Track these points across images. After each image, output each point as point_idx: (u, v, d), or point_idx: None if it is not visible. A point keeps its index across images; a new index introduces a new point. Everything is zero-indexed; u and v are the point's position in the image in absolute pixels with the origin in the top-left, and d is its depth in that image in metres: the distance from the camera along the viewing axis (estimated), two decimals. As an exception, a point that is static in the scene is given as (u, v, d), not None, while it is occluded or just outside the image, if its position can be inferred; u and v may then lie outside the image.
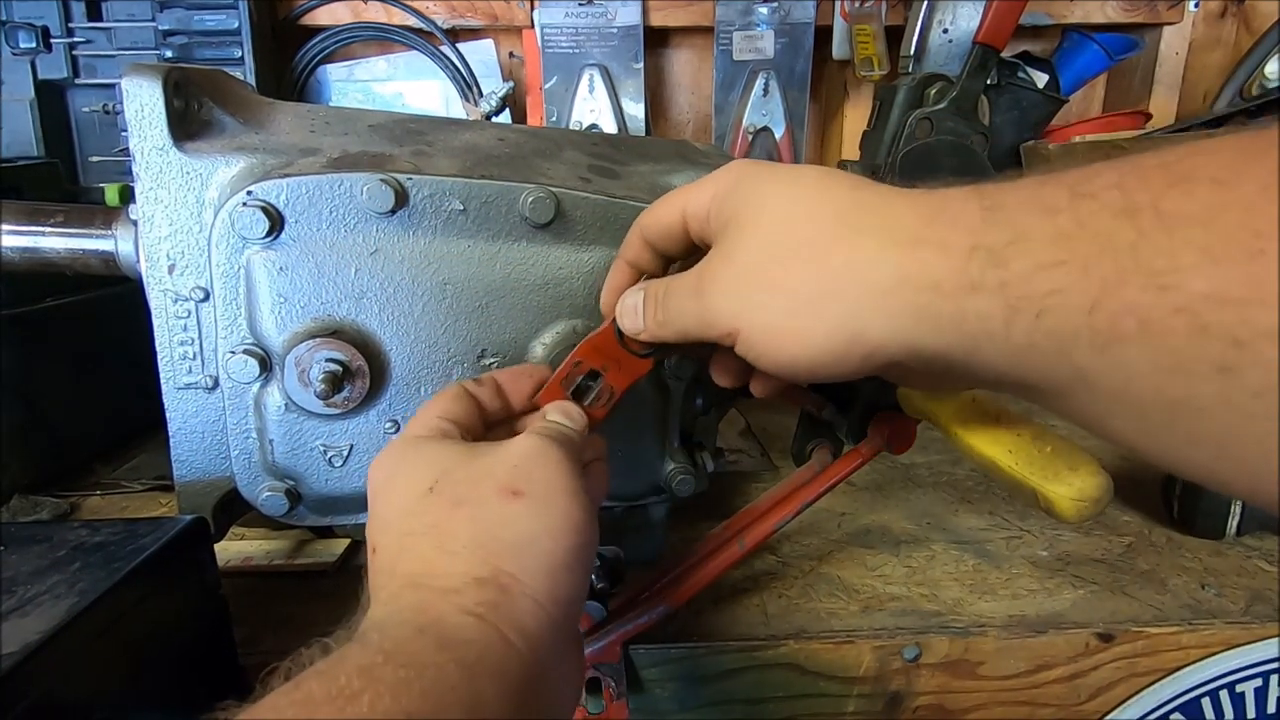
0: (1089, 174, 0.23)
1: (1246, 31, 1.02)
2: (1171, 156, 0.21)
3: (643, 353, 0.37)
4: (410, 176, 0.40)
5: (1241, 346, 0.18)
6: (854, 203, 0.28)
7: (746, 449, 0.76)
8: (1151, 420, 0.21)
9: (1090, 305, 0.21)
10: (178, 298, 0.43)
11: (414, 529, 0.29)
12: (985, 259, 0.23)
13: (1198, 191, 0.20)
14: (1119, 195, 0.21)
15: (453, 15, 0.94)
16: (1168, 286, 0.19)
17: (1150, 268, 0.20)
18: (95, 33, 0.89)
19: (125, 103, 0.41)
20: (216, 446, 0.45)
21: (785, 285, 0.28)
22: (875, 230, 0.27)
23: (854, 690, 0.47)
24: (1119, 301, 0.20)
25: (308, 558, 0.54)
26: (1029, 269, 0.22)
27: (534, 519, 0.29)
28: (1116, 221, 0.21)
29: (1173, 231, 0.20)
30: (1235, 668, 0.48)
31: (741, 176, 0.32)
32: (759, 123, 0.97)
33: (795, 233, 0.29)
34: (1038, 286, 0.22)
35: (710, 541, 0.48)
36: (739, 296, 0.30)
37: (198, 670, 0.42)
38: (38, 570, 0.36)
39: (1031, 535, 0.58)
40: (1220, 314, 0.18)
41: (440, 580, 0.27)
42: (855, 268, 0.27)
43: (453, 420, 0.34)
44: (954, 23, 0.87)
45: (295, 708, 0.22)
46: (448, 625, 0.25)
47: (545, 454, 0.31)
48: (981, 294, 0.24)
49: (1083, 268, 0.21)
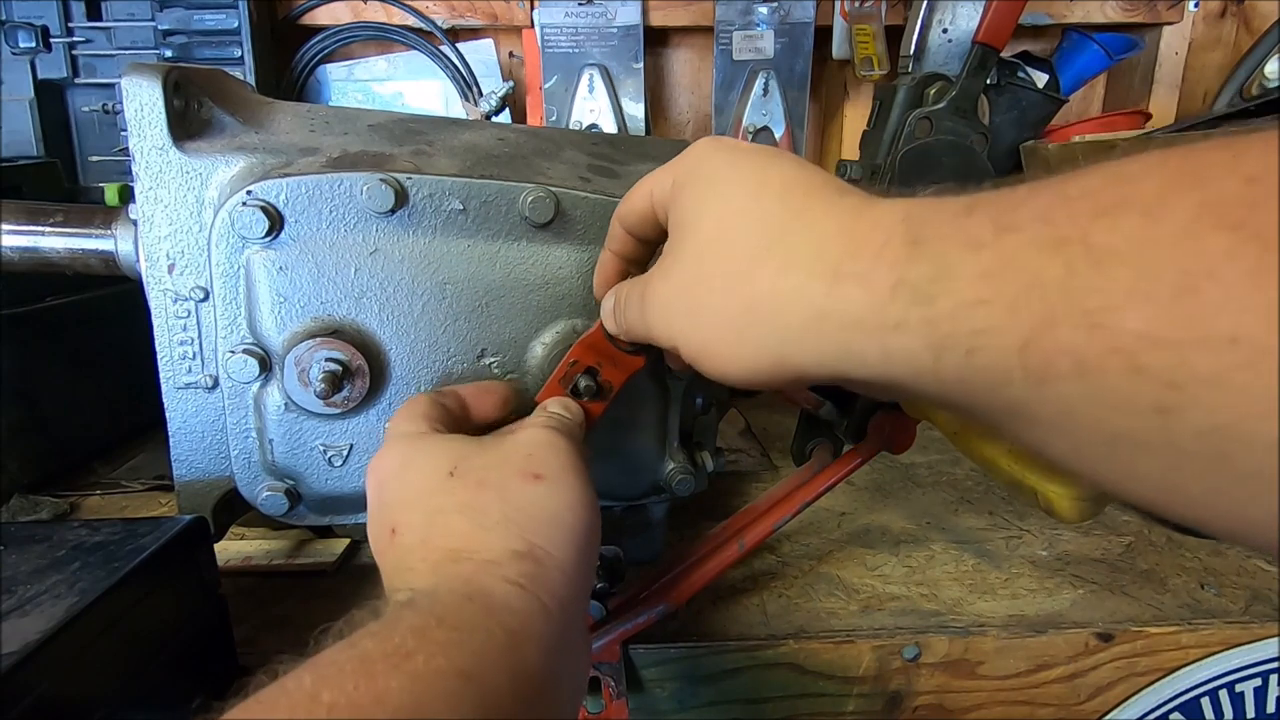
0: (1014, 203, 0.21)
1: (1246, 31, 1.02)
2: (1098, 182, 0.20)
3: (631, 350, 0.38)
4: (410, 176, 0.40)
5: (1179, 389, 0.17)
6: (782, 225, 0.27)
7: (746, 449, 0.76)
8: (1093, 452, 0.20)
9: (1021, 344, 0.20)
10: (177, 297, 0.43)
11: (443, 507, 0.31)
12: (909, 296, 0.23)
13: (1125, 223, 0.19)
14: (1045, 228, 0.20)
15: (453, 15, 0.94)
16: (1101, 325, 0.18)
17: (1082, 306, 0.19)
18: (95, 32, 0.88)
19: (125, 102, 0.41)
20: (216, 446, 0.45)
21: (712, 307, 0.29)
22: (799, 259, 0.26)
23: (854, 690, 0.47)
24: (1051, 341, 0.19)
25: (308, 557, 0.54)
26: (954, 307, 0.21)
27: (555, 498, 0.31)
28: (1043, 256, 0.20)
29: (1102, 267, 0.19)
30: (1235, 667, 0.48)
31: (694, 168, 0.32)
32: (759, 122, 0.97)
33: (725, 252, 0.29)
34: (964, 325, 0.21)
35: (710, 541, 0.48)
36: (674, 315, 0.31)
37: (198, 670, 0.42)
38: (37, 570, 0.36)
39: (1031, 535, 0.59)
40: (1155, 355, 0.17)
41: (481, 553, 0.29)
42: (777, 298, 0.26)
43: (439, 421, 0.36)
44: (954, 22, 0.87)
45: (353, 662, 0.23)
46: (494, 594, 0.27)
47: (555, 442, 0.34)
48: (905, 333, 0.23)
49: (1010, 307, 0.20)
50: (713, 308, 0.29)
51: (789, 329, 0.26)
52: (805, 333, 0.26)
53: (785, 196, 0.28)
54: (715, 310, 0.29)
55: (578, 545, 0.31)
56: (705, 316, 0.29)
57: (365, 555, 0.56)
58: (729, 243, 0.29)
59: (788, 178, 0.29)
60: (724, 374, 0.29)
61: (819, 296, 0.25)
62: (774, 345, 0.27)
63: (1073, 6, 0.97)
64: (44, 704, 0.31)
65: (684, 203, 0.31)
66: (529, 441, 0.34)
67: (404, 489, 0.32)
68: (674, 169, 0.33)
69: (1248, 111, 0.71)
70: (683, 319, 0.30)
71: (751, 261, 0.27)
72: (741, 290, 0.27)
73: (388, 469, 0.33)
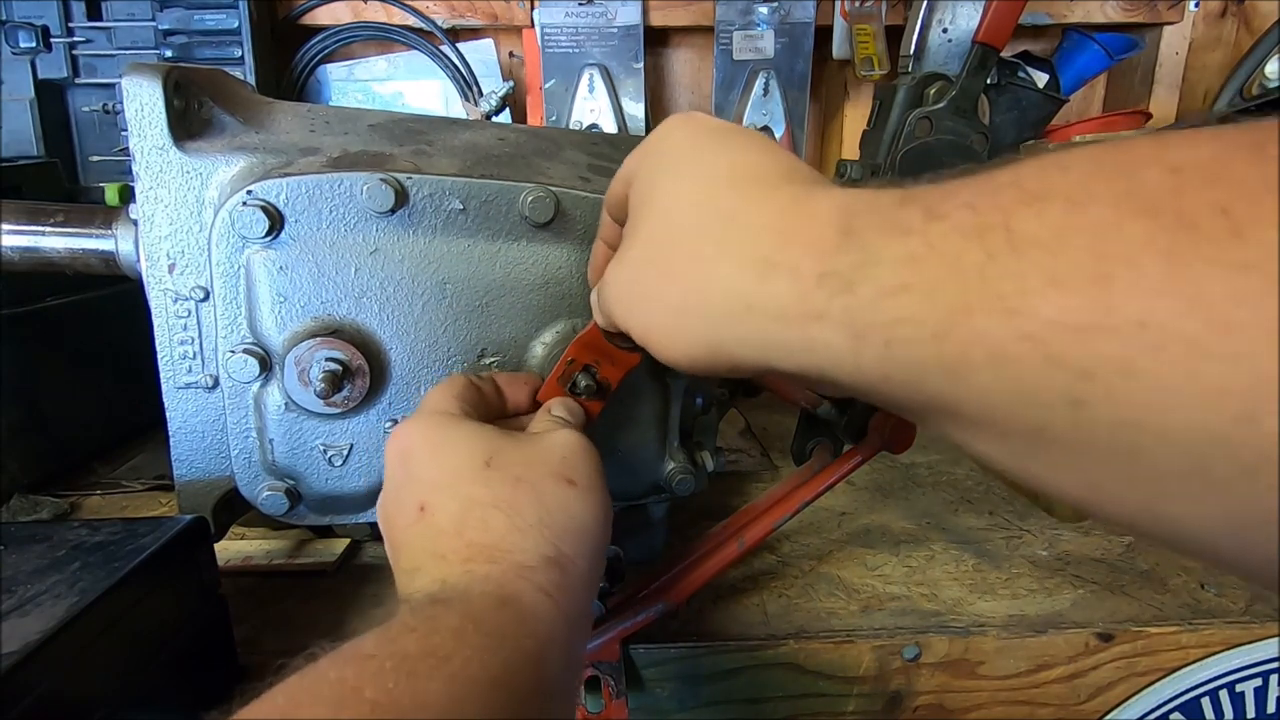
0: (947, 192, 0.21)
1: (1247, 31, 1.02)
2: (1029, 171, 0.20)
3: (627, 346, 0.38)
4: (410, 176, 0.40)
5: (1090, 378, 0.17)
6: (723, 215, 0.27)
7: (746, 449, 0.76)
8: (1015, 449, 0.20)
9: (937, 333, 0.20)
10: (178, 297, 0.43)
11: (481, 498, 0.31)
12: (834, 285, 0.22)
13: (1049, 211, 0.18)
14: (970, 215, 0.20)
15: (453, 15, 0.94)
16: (1014, 311, 0.18)
17: (997, 291, 0.18)
18: (95, 32, 0.88)
19: (125, 102, 0.41)
20: (216, 446, 0.45)
21: (653, 294, 0.29)
22: (734, 250, 0.26)
23: (854, 690, 0.47)
24: (967, 329, 0.19)
25: (308, 557, 0.54)
26: (875, 295, 0.21)
27: (586, 508, 0.32)
28: (966, 243, 0.19)
29: (1021, 254, 0.18)
30: (1235, 667, 0.48)
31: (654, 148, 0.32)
32: (759, 122, 0.97)
33: (669, 239, 0.29)
34: (884, 314, 0.21)
35: (709, 540, 0.48)
36: (624, 300, 0.31)
37: (198, 670, 0.42)
38: (38, 570, 0.36)
39: (1031, 535, 0.58)
40: (1068, 343, 0.17)
41: (515, 555, 0.29)
42: (710, 287, 0.27)
43: (471, 405, 0.36)
44: (954, 22, 0.87)
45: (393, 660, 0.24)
46: (525, 603, 0.28)
47: (587, 449, 0.34)
48: (825, 323, 0.23)
49: (928, 293, 0.20)
50: (655, 294, 0.29)
51: (721, 318, 0.26)
52: (735, 323, 0.26)
53: (733, 184, 0.28)
54: (657, 297, 0.29)
55: (596, 555, 0.32)
56: (650, 302, 0.30)
57: (366, 555, 0.56)
58: (674, 229, 0.29)
59: (739, 164, 0.29)
60: (667, 359, 0.30)
61: (749, 288, 0.25)
62: (708, 334, 0.27)
63: (1073, 6, 0.96)
64: (44, 704, 0.31)
65: (640, 186, 0.32)
66: (563, 445, 0.34)
67: (438, 470, 0.32)
68: (640, 149, 0.33)
69: (1248, 112, 0.71)
70: (631, 303, 0.31)
71: (691, 250, 0.28)
72: (680, 279, 0.28)
73: (419, 444, 0.33)
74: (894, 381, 0.22)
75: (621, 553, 0.46)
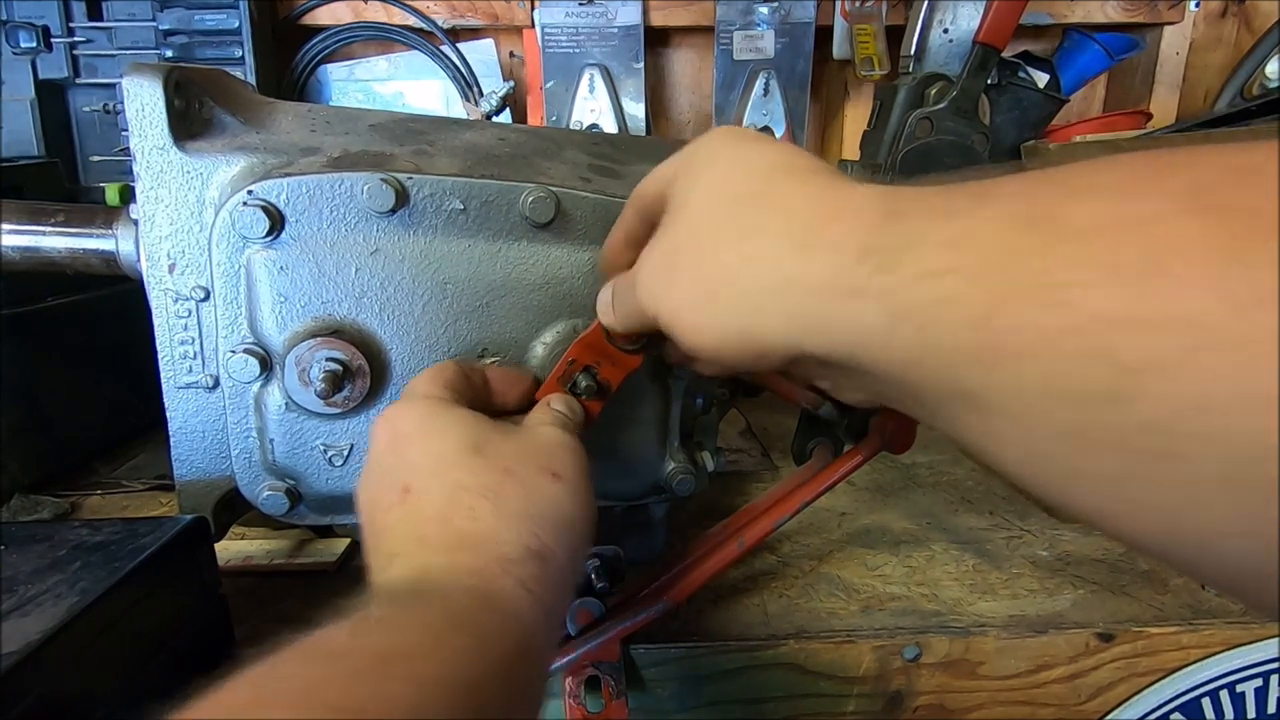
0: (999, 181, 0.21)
1: (1247, 31, 1.02)
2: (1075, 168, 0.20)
3: (628, 348, 0.38)
4: (411, 176, 0.40)
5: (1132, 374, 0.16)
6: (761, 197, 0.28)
7: (746, 449, 0.76)
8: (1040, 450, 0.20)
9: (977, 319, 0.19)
10: (178, 297, 0.43)
11: (468, 485, 0.31)
12: (875, 263, 0.22)
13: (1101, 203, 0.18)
14: (1019, 204, 0.20)
15: (453, 15, 0.94)
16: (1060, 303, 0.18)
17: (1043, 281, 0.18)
18: (95, 32, 0.89)
19: (126, 102, 0.41)
20: (217, 446, 0.45)
21: (688, 276, 0.29)
22: (774, 225, 0.26)
23: (854, 690, 0.47)
24: (1008, 317, 0.19)
25: (308, 557, 0.54)
26: (915, 275, 0.21)
27: (571, 502, 0.32)
28: (1014, 229, 0.19)
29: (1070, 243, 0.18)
30: (1235, 668, 0.48)
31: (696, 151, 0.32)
32: (759, 122, 0.97)
33: (706, 222, 0.29)
34: (923, 295, 0.21)
35: (709, 540, 0.48)
36: (657, 283, 0.31)
37: (198, 670, 0.42)
38: (38, 570, 0.36)
39: (1031, 535, 0.58)
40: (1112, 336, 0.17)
41: (500, 547, 0.29)
42: (747, 265, 0.27)
43: (459, 393, 0.36)
44: (954, 22, 0.87)
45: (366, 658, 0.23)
46: (508, 600, 0.28)
47: (573, 445, 0.35)
48: (863, 300, 0.22)
49: (971, 277, 0.20)
50: (691, 273, 0.29)
51: (757, 293, 0.26)
52: (769, 298, 0.26)
53: (773, 173, 0.29)
54: (690, 276, 0.29)
55: (578, 550, 0.32)
56: (681, 283, 0.30)
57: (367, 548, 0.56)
58: (715, 213, 0.29)
59: (778, 161, 0.29)
60: (695, 343, 0.29)
61: (788, 261, 0.25)
62: (742, 312, 0.27)
63: (1073, 6, 0.97)
64: (44, 704, 0.31)
65: (680, 183, 0.32)
66: (549, 438, 0.34)
67: (425, 453, 0.32)
68: (684, 151, 0.33)
69: (1249, 111, 0.71)
70: (663, 287, 0.31)
71: (732, 229, 0.28)
72: (719, 256, 0.28)
73: (407, 427, 0.33)
74: (924, 366, 0.21)
75: (621, 553, 0.46)
